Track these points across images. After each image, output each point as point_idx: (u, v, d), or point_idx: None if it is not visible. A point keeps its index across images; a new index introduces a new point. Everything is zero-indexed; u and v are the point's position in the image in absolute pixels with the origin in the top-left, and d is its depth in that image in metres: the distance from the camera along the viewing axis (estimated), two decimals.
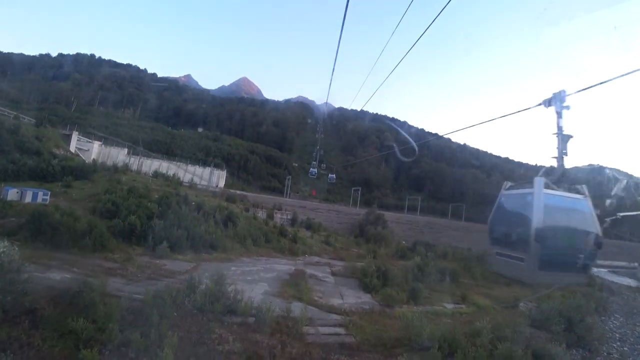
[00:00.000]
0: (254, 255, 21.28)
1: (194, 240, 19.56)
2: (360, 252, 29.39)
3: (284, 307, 11.21)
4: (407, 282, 18.06)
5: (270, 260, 20.60)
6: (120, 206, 20.84)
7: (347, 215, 46.34)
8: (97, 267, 13.66)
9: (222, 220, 24.61)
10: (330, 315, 11.67)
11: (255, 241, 23.23)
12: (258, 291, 13.34)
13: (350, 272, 19.10)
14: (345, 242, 33.30)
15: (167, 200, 24.32)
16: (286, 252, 23.57)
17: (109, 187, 25.52)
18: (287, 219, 35.76)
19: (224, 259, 18.71)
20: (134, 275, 13.25)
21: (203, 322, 9.25)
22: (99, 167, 31.58)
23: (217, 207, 27.06)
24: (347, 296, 14.45)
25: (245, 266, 17.83)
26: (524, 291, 22.47)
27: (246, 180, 60.95)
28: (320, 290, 14.84)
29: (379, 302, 14.07)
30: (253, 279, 15.30)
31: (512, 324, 11.99)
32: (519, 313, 16.17)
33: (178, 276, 13.95)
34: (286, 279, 16.05)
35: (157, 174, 36.07)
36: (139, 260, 15.34)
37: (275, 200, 45.43)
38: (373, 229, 37.31)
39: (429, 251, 35.19)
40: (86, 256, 14.90)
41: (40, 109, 59.85)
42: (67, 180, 27.13)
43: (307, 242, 27.65)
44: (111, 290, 11.27)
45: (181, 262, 16.64)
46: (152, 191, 27.10)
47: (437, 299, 16.57)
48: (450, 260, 33.51)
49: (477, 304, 16.46)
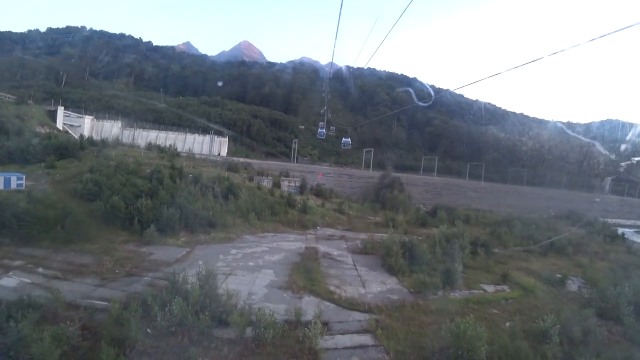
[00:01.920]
0: (259, 231, 19.05)
1: (188, 220, 17.30)
2: (377, 220, 27.06)
3: (293, 307, 8.94)
4: (437, 258, 15.76)
5: (277, 237, 18.36)
6: (104, 186, 18.54)
7: (359, 179, 43.71)
8: (67, 264, 11.53)
9: (222, 193, 22.27)
10: (352, 314, 9.37)
11: (260, 215, 20.92)
12: (261, 283, 11.07)
13: (369, 248, 16.75)
14: (359, 209, 30.93)
15: (159, 175, 21.98)
16: (295, 225, 21.28)
17: (94, 165, 23.23)
18: (296, 187, 33.31)
19: (224, 239, 16.50)
20: (110, 272, 11.08)
21: (183, 344, 6.99)
22: (86, 143, 29.12)
23: (216, 178, 24.66)
24: (370, 282, 12.12)
25: (248, 247, 15.61)
26: (562, 261, 20.25)
27: (250, 147, 58.18)
28: (337, 275, 12.53)
29: (409, 289, 11.72)
30: (256, 264, 13.05)
31: (578, 317, 9.58)
32: (572, 295, 13.83)
33: (165, 268, 11.75)
34: (296, 261, 13.78)
35: (151, 146, 33.54)
36: (120, 250, 13.19)
37: (282, 166, 42.89)
38: (389, 193, 34.72)
39: (451, 216, 32.86)
40: (59, 250, 12.78)
41: (27, 87, 56.74)
42: (50, 160, 24.84)
43: (318, 211, 25.30)
44: (75, 297, 9.09)
45: (172, 247, 14.46)
46: (143, 166, 24.74)
47: (473, 278, 14.22)
48: (475, 226, 31.12)
49: (521, 284, 14.11)
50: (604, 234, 30.24)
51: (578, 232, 30.47)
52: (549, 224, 32.83)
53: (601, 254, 22.92)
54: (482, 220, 34.12)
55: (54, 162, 25.04)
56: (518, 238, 24.23)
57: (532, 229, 27.64)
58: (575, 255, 21.93)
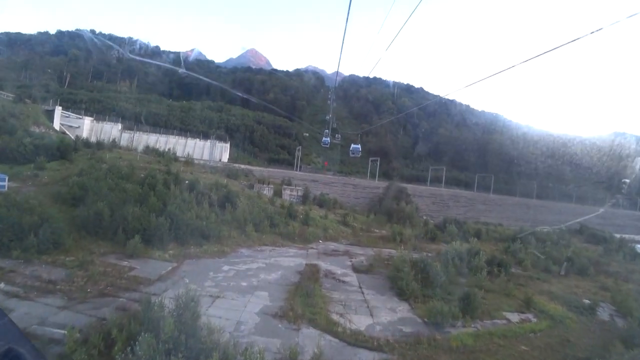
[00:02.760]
0: (256, 244, 17.66)
1: (179, 230, 15.96)
2: (384, 234, 25.57)
3: (288, 343, 7.49)
4: (451, 279, 14.26)
5: (276, 251, 16.95)
6: (90, 190, 17.29)
7: (364, 189, 42.26)
8: (34, 280, 10.18)
9: (218, 202, 20.95)
10: (358, 352, 7.90)
11: (258, 226, 19.53)
12: (253, 308, 9.63)
13: (376, 265, 15.30)
14: (364, 221, 29.43)
15: (152, 181, 20.75)
16: (296, 238, 19.86)
17: (84, 168, 22.08)
18: (298, 196, 31.98)
19: (217, 253, 15.10)
20: (80, 291, 9.70)
21: None
22: (81, 145, 28.03)
23: (214, 185, 23.39)
24: (378, 309, 10.64)
25: (243, 262, 14.20)
26: (584, 283, 18.83)
27: (252, 153, 57.05)
28: (341, 300, 11.06)
29: (423, 319, 10.22)
30: (249, 284, 11.62)
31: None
32: (606, 327, 12.26)
33: (144, 287, 10.37)
34: (294, 281, 12.33)
35: (148, 150, 32.42)
36: (98, 264, 11.81)
37: (284, 174, 41.56)
38: (395, 205, 33.23)
39: (460, 230, 31.32)
40: (30, 261, 11.45)
41: (29, 86, 56.22)
42: (40, 161, 23.71)
43: (320, 223, 23.88)
44: (30, 322, 7.71)
45: (157, 261, 13.07)
46: (137, 170, 23.55)
47: (493, 304, 12.71)
48: (486, 241, 29.68)
49: (547, 312, 12.60)
50: (622, 252, 28.67)
51: (596, 250, 28.95)
52: (563, 239, 31.37)
53: (624, 275, 21.37)
54: (493, 235, 32.59)
55: (44, 164, 23.92)
56: (534, 255, 22.78)
57: (547, 245, 26.20)
58: (598, 276, 20.47)
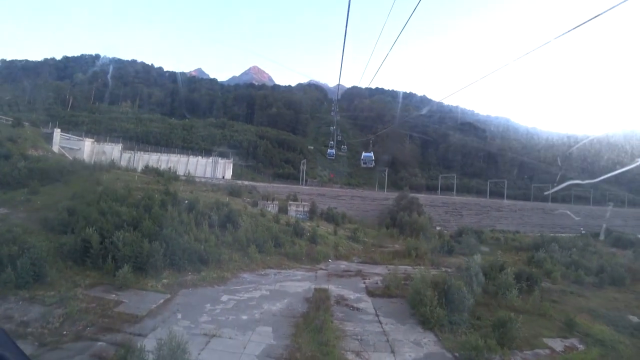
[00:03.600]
0: (260, 267, 16.35)
1: (175, 255, 14.73)
2: (397, 249, 24.10)
3: None
4: (477, 300, 12.74)
5: (281, 275, 15.61)
6: (80, 215, 16.24)
7: (373, 201, 40.91)
8: (6, 320, 8.99)
9: (219, 222, 19.81)
10: None
11: (262, 247, 18.21)
12: (254, 350, 8.26)
13: (393, 288, 13.82)
14: (375, 235, 28.03)
15: (147, 202, 19.67)
16: (303, 258, 18.50)
17: (77, 191, 21.17)
18: (304, 212, 30.72)
19: (216, 280, 13.80)
20: (54, 334, 8.45)
21: None
22: (77, 167, 27.27)
23: (214, 204, 22.28)
24: (400, 344, 9.19)
25: (244, 290, 12.87)
26: (622, 295, 17.21)
27: (256, 169, 56.11)
28: (356, 333, 9.65)
29: (454, 354, 8.76)
30: (250, 318, 10.27)
31: None
32: None
33: (130, 327, 9.09)
34: (302, 312, 10.95)
35: (148, 169, 31.58)
36: (81, 298, 10.60)
37: (289, 189, 40.47)
38: (407, 217, 31.75)
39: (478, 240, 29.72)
40: (5, 298, 10.30)
41: (31, 110, 56.53)
42: (34, 185, 22.87)
43: (329, 240, 22.53)
44: None
45: (149, 293, 11.82)
46: (134, 191, 22.57)
47: (529, 328, 11.14)
48: (506, 250, 28.18)
49: (593, 335, 11.06)
50: None
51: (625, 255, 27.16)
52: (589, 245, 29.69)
53: None
54: (512, 244, 30.92)
55: (38, 187, 23.07)
56: (562, 266, 21.13)
57: (573, 252, 24.51)
58: (635, 285, 18.84)
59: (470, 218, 49.08)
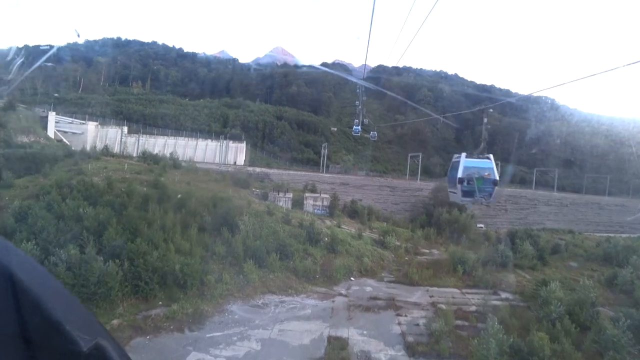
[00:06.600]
0: (257, 292, 12.57)
1: (140, 279, 11.17)
2: (436, 258, 19.73)
3: None
4: None
5: (284, 307, 11.73)
6: (29, 219, 12.97)
7: (404, 192, 36.20)
8: None
9: (213, 225, 16.16)
10: None
11: (263, 260, 14.37)
12: None
13: (443, 334, 9.62)
14: (408, 237, 23.65)
15: (124, 200, 16.26)
16: (317, 275, 14.56)
17: (46, 185, 18.07)
18: (323, 206, 26.66)
19: (189, 318, 10.09)
20: None
21: None
22: (61, 155, 24.39)
23: (210, 200, 18.67)
24: None
25: (225, 341, 9.08)
26: None
27: (272, 153, 52.41)
28: None
29: None
30: None
31: None
32: None
33: None
34: None
35: (145, 156, 28.38)
36: None
37: (308, 177, 36.37)
38: (446, 214, 26.98)
39: (534, 246, 24.34)
40: None
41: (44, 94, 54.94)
42: (7, 177, 20.09)
43: (352, 247, 18.40)
44: None
45: None
46: (119, 183, 19.34)
47: None
48: (568, 260, 23.42)
49: None
50: None
51: None
52: None
53: None
54: (574, 251, 25.53)
55: (12, 180, 20.29)
56: None
57: None
58: None
59: (516, 213, 43.43)
